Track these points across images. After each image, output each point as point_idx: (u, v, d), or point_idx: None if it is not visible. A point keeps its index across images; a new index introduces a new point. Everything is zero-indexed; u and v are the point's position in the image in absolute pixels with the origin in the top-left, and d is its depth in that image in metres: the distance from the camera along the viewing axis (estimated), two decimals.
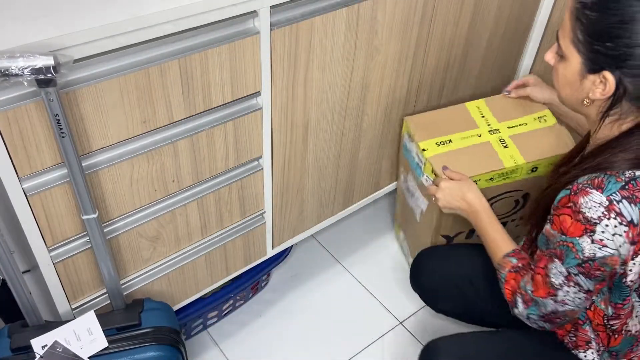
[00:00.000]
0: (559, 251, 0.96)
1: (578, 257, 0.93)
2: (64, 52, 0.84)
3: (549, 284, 0.99)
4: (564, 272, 0.96)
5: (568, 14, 0.95)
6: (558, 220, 0.95)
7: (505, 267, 1.13)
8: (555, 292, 0.99)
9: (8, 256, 0.99)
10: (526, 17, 1.68)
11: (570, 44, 0.95)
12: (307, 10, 1.14)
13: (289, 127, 1.27)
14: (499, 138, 1.39)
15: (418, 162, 1.44)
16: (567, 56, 0.96)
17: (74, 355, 1.06)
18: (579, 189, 0.92)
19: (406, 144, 1.50)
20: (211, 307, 1.52)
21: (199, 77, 1.04)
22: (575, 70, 0.96)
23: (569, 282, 0.97)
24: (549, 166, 1.35)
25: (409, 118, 1.46)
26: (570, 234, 0.93)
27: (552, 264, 0.98)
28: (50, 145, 0.94)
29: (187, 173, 1.16)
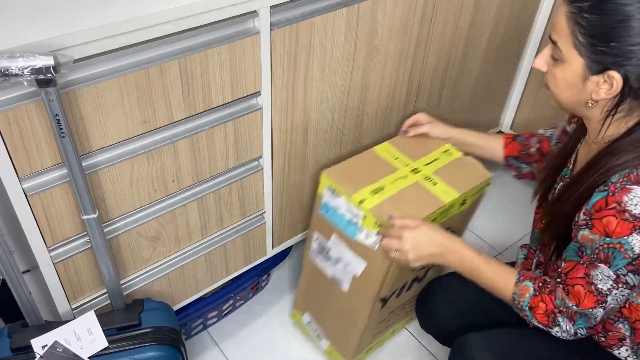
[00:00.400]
0: (602, 255, 0.93)
1: (628, 256, 0.91)
2: (64, 52, 0.84)
3: (594, 292, 0.96)
4: (612, 276, 0.94)
5: (564, 19, 0.94)
6: (600, 223, 0.93)
7: (524, 293, 1.05)
8: (604, 299, 0.96)
9: (8, 256, 0.99)
10: (526, 17, 1.68)
11: (571, 48, 0.93)
12: (307, 10, 1.14)
13: (289, 127, 1.27)
14: (424, 176, 1.29)
15: (351, 219, 1.25)
16: (567, 59, 0.95)
17: (74, 355, 1.06)
18: (617, 188, 0.91)
19: (327, 202, 1.30)
20: (211, 307, 1.52)
21: (199, 77, 1.04)
22: (577, 72, 0.95)
23: (617, 285, 0.94)
24: (472, 197, 1.30)
25: (328, 171, 1.28)
26: (617, 235, 0.91)
27: (595, 271, 0.95)
28: (50, 145, 0.94)
29: (187, 173, 1.16)
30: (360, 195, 1.22)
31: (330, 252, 1.35)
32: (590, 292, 0.96)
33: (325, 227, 1.33)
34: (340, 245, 1.31)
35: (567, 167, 1.12)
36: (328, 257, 1.37)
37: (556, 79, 0.99)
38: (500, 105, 1.91)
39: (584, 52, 0.92)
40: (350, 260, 1.30)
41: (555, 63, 0.98)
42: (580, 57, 0.93)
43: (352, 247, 1.29)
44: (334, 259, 1.35)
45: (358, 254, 1.28)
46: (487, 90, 1.78)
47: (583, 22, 0.91)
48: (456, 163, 1.34)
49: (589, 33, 0.91)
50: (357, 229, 1.24)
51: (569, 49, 0.94)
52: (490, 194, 2.08)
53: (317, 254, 1.40)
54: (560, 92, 1.00)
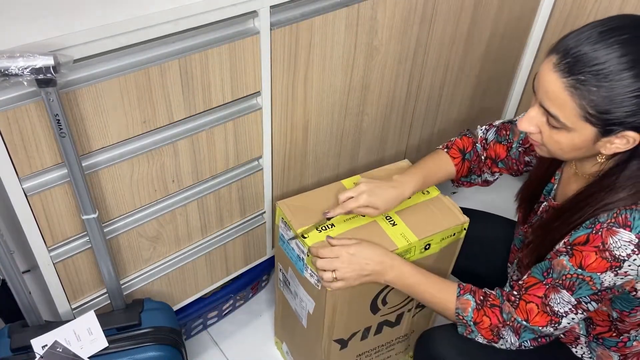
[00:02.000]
0: (568, 283, 0.94)
1: (595, 288, 0.92)
2: (64, 52, 0.84)
3: (549, 313, 0.97)
4: (572, 302, 0.95)
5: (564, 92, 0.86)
6: (580, 255, 0.92)
7: (466, 307, 1.04)
8: (558, 320, 0.97)
9: (8, 256, 0.99)
10: (526, 17, 1.68)
11: (578, 120, 0.87)
12: (307, 10, 1.14)
13: (289, 127, 1.27)
14: (385, 215, 1.21)
15: (299, 254, 1.20)
16: (573, 129, 0.89)
17: (74, 355, 1.06)
18: (602, 228, 0.90)
19: (282, 233, 1.25)
20: (211, 307, 1.52)
21: (199, 77, 1.04)
22: (588, 138, 0.89)
23: (576, 310, 0.95)
24: (441, 242, 1.22)
25: (282, 202, 1.23)
26: (591, 269, 0.91)
27: (556, 295, 0.96)
28: (50, 145, 0.94)
29: (187, 173, 1.16)
30: (304, 231, 1.17)
31: (290, 286, 1.32)
32: (544, 312, 0.97)
33: (284, 259, 1.29)
34: (295, 280, 1.27)
35: (552, 183, 1.11)
36: (289, 290, 1.34)
37: (560, 144, 0.92)
38: (500, 105, 1.91)
39: (597, 122, 0.86)
40: (303, 296, 1.26)
41: (557, 130, 0.91)
42: (591, 127, 0.87)
43: (302, 283, 1.24)
44: (293, 292, 1.32)
45: (307, 292, 1.24)
46: (487, 90, 1.78)
47: (592, 96, 0.84)
48: (429, 204, 1.25)
49: (602, 106, 0.84)
50: (303, 265, 1.20)
51: (577, 120, 0.87)
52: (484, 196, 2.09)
53: (283, 285, 1.37)
54: (566, 154, 0.95)
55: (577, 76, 0.84)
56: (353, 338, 1.30)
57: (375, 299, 1.23)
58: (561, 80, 0.86)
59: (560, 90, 0.86)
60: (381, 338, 1.37)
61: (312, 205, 1.23)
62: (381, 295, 1.23)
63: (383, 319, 1.31)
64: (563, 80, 0.86)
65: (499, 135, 1.25)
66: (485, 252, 1.35)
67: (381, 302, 1.25)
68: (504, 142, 1.24)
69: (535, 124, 0.94)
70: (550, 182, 1.11)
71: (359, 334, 1.30)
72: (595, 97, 0.84)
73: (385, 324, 1.33)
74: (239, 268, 1.46)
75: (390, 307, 1.28)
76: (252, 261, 1.47)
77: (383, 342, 1.38)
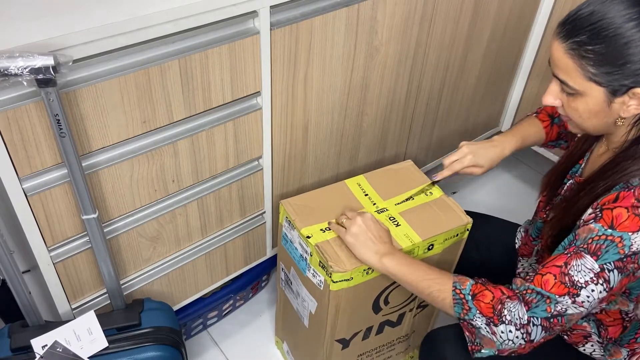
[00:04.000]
0: (594, 246, 0.90)
1: (622, 251, 0.88)
2: (64, 52, 0.84)
3: (567, 284, 0.90)
4: (595, 269, 0.89)
5: (566, 56, 0.91)
6: (610, 214, 0.90)
7: (464, 282, 1.00)
8: (577, 292, 0.90)
9: (8, 256, 0.99)
10: (526, 16, 1.68)
11: (585, 81, 0.91)
12: (307, 10, 1.14)
13: (289, 127, 1.27)
14: (389, 216, 1.21)
15: (302, 254, 1.20)
16: (584, 92, 0.92)
17: (74, 355, 1.06)
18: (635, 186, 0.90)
19: (286, 233, 1.26)
20: (211, 307, 1.52)
21: (199, 77, 1.04)
22: (600, 100, 0.92)
23: (597, 279, 0.89)
24: (444, 243, 1.22)
25: (286, 201, 1.24)
26: (623, 228, 0.88)
27: (578, 261, 0.90)
28: (50, 145, 0.94)
29: (187, 173, 1.16)
30: (309, 231, 1.17)
31: (292, 285, 1.33)
32: (562, 283, 0.91)
33: (287, 259, 1.29)
34: (298, 280, 1.28)
35: (579, 164, 1.12)
36: (291, 290, 1.34)
37: (579, 111, 0.96)
38: (500, 105, 1.91)
39: (601, 81, 0.89)
40: (305, 296, 1.26)
41: (573, 97, 0.95)
42: (598, 87, 0.90)
43: (305, 283, 1.24)
44: (295, 292, 1.32)
45: (310, 292, 1.24)
46: (487, 90, 1.78)
47: (589, 54, 0.88)
48: (432, 205, 1.25)
49: (600, 62, 0.88)
50: (306, 265, 1.20)
51: (583, 83, 0.91)
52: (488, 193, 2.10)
53: (285, 284, 1.37)
54: (586, 122, 0.97)
55: (573, 38, 0.89)
56: (355, 338, 1.30)
57: (378, 299, 1.24)
58: (562, 46, 0.91)
59: (562, 55, 0.91)
60: (382, 338, 1.37)
61: (315, 204, 1.23)
62: (383, 294, 1.23)
63: (385, 319, 1.31)
64: (563, 45, 0.91)
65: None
66: (487, 252, 1.36)
67: (383, 301, 1.25)
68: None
69: (555, 96, 0.98)
70: (577, 164, 1.12)
71: (360, 333, 1.30)
72: (593, 55, 0.88)
73: (387, 323, 1.33)
74: (239, 268, 1.46)
75: (392, 306, 1.28)
76: (252, 261, 1.47)
77: (384, 342, 1.39)
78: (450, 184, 2.10)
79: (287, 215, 1.23)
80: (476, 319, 0.95)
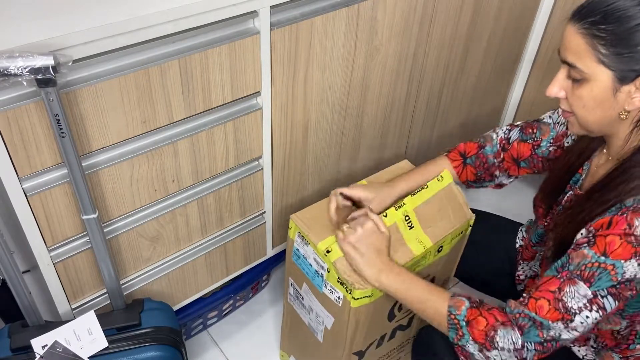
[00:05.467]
0: (587, 273, 0.89)
1: (615, 279, 0.88)
2: (64, 52, 0.84)
3: (561, 310, 0.90)
4: (588, 295, 0.89)
5: (578, 37, 0.89)
6: (603, 241, 0.88)
7: (459, 306, 0.98)
8: (570, 317, 0.90)
9: (8, 256, 0.99)
10: (526, 17, 1.68)
11: (594, 64, 0.89)
12: (307, 10, 1.14)
13: (289, 127, 1.27)
14: (404, 215, 1.17)
15: (318, 270, 1.17)
16: (591, 77, 0.90)
17: (74, 355, 1.06)
18: (628, 210, 0.88)
19: (298, 249, 1.22)
20: (211, 307, 1.52)
21: (199, 77, 1.04)
22: (607, 87, 0.90)
23: (591, 306, 0.89)
24: (451, 242, 1.22)
25: (296, 216, 1.20)
26: (616, 256, 0.87)
27: (572, 287, 0.90)
28: (50, 145, 0.94)
29: (187, 173, 1.16)
30: (326, 244, 1.13)
31: (304, 301, 1.29)
32: (556, 309, 0.91)
33: (298, 275, 1.26)
34: (311, 296, 1.24)
35: (579, 174, 1.10)
36: (302, 305, 1.31)
37: (583, 100, 0.93)
38: (501, 104, 1.91)
39: (611, 63, 0.88)
40: (320, 312, 1.24)
41: (578, 84, 0.93)
42: (607, 70, 0.88)
43: (320, 299, 1.21)
44: (307, 307, 1.29)
45: (326, 308, 1.21)
46: (487, 89, 1.78)
47: (601, 33, 0.87)
48: (443, 196, 1.22)
49: (612, 43, 0.87)
50: (322, 281, 1.17)
51: (592, 65, 0.89)
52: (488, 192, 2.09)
53: (294, 299, 1.34)
54: (589, 113, 0.94)
55: (587, 19, 0.88)
56: (370, 347, 1.29)
57: (393, 308, 1.23)
58: (575, 27, 0.90)
59: (574, 35, 0.90)
60: (394, 342, 1.37)
61: (324, 215, 1.20)
62: (398, 302, 1.22)
63: (397, 324, 1.31)
64: (577, 26, 0.90)
65: (524, 133, 1.23)
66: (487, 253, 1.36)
67: (397, 309, 1.25)
68: (530, 140, 1.22)
69: (560, 86, 0.96)
70: (577, 173, 1.10)
71: (375, 342, 1.29)
72: (605, 34, 0.87)
73: (399, 328, 1.33)
74: (239, 268, 1.46)
75: (404, 312, 1.28)
76: (252, 261, 1.47)
77: (395, 345, 1.39)
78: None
79: (299, 230, 1.19)
80: (469, 345, 0.96)
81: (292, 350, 1.50)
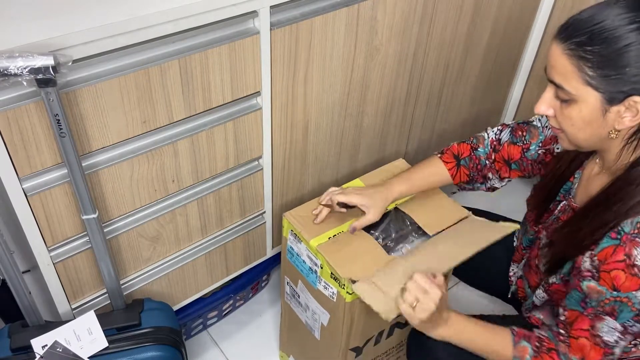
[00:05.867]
0: (608, 308, 0.91)
1: (635, 309, 0.89)
2: (64, 52, 0.84)
3: (601, 344, 0.93)
4: (618, 328, 0.92)
5: (563, 58, 0.87)
6: (609, 276, 0.89)
7: (524, 355, 1.00)
8: (612, 351, 0.94)
9: (8, 256, 0.99)
10: (526, 17, 1.68)
11: (581, 86, 0.87)
12: (307, 10, 1.14)
13: (289, 127, 1.27)
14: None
15: (311, 267, 1.18)
16: (579, 98, 0.88)
17: (74, 355, 1.06)
18: (628, 239, 0.88)
19: (292, 247, 1.23)
20: (211, 307, 1.52)
21: (199, 77, 1.04)
22: (595, 107, 0.88)
23: (624, 336, 0.92)
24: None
25: (289, 214, 1.21)
26: (626, 289, 0.88)
27: (601, 323, 0.92)
28: (50, 145, 0.94)
29: (187, 173, 1.16)
30: (318, 241, 1.15)
31: (300, 299, 1.30)
32: (596, 345, 0.94)
33: (293, 272, 1.27)
34: (307, 293, 1.25)
35: (571, 182, 1.09)
36: (299, 303, 1.32)
37: (572, 120, 0.91)
38: (500, 105, 1.91)
39: (598, 85, 0.86)
40: (316, 309, 1.24)
41: (566, 104, 0.91)
42: (595, 92, 0.86)
43: (315, 296, 1.22)
44: (303, 305, 1.30)
45: (321, 304, 1.22)
46: (487, 89, 1.78)
47: (588, 55, 0.85)
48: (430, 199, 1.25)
49: (599, 65, 0.84)
50: (316, 277, 1.18)
51: (580, 87, 0.87)
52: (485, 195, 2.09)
53: (291, 298, 1.35)
54: (578, 132, 0.93)
55: (573, 39, 0.86)
56: (367, 344, 1.29)
57: None
58: (560, 47, 0.88)
59: (559, 56, 0.88)
60: (392, 340, 1.36)
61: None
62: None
63: (395, 321, 1.30)
64: (562, 46, 0.88)
65: (514, 136, 1.22)
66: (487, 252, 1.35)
67: None
68: (519, 142, 1.21)
69: (549, 105, 0.94)
70: (568, 181, 1.09)
71: (372, 339, 1.29)
72: (591, 56, 0.85)
73: (397, 325, 1.33)
74: (239, 268, 1.46)
75: None
76: (252, 261, 1.47)
77: (394, 344, 1.38)
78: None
79: (292, 228, 1.20)
80: None
81: (291, 350, 1.50)
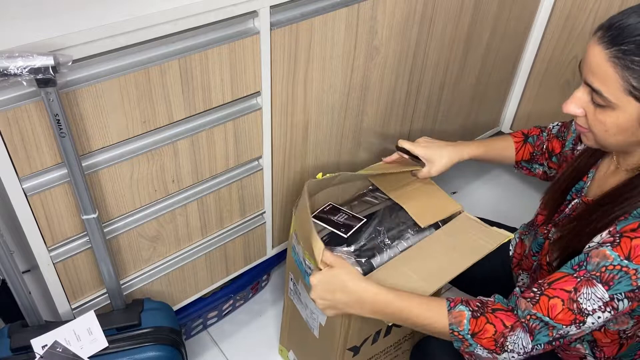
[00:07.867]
0: (607, 275, 0.86)
1: (635, 284, 0.85)
2: (64, 52, 0.84)
3: (574, 311, 0.88)
4: (605, 298, 0.86)
5: (607, 64, 0.84)
6: (629, 243, 0.85)
7: (461, 320, 0.95)
8: (583, 319, 0.88)
9: (8, 256, 0.99)
10: (526, 17, 1.68)
11: (622, 94, 0.84)
12: (307, 10, 1.14)
13: (289, 127, 1.27)
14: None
15: (306, 269, 1.19)
16: (617, 106, 0.86)
17: (74, 355, 1.06)
18: None
19: (294, 245, 1.23)
20: (211, 307, 1.52)
21: (199, 77, 1.04)
22: (633, 117, 0.86)
23: (605, 307, 0.87)
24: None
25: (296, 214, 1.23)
26: (638, 262, 0.84)
27: (589, 289, 0.87)
28: (50, 145, 0.94)
29: (187, 173, 1.16)
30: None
31: (301, 297, 1.31)
32: (570, 310, 0.88)
33: (295, 270, 1.28)
34: (305, 292, 1.25)
35: (583, 181, 1.08)
36: (300, 300, 1.32)
37: (605, 125, 0.89)
38: (500, 105, 1.91)
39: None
40: (314, 309, 1.25)
41: (601, 109, 0.89)
42: (637, 103, 0.84)
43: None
44: (303, 303, 1.30)
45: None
46: (487, 90, 1.78)
47: (635, 66, 0.82)
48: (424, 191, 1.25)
49: None
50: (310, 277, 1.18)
51: (620, 95, 0.85)
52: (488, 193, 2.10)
53: (293, 294, 1.35)
54: (610, 137, 0.91)
55: (619, 46, 0.82)
56: (365, 343, 1.29)
57: None
58: (604, 52, 0.84)
59: (602, 61, 0.84)
60: (390, 339, 1.36)
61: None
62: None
63: None
64: (606, 52, 0.84)
65: (560, 130, 1.25)
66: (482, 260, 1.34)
67: None
68: (560, 138, 1.23)
69: (579, 105, 0.92)
70: (581, 181, 1.08)
71: (370, 338, 1.29)
72: (638, 67, 0.81)
73: (394, 324, 1.33)
74: (239, 268, 1.46)
75: None
76: (252, 261, 1.47)
77: (391, 342, 1.38)
78: (450, 184, 2.10)
79: (295, 228, 1.21)
80: (477, 350, 0.95)
81: (291, 345, 1.51)
